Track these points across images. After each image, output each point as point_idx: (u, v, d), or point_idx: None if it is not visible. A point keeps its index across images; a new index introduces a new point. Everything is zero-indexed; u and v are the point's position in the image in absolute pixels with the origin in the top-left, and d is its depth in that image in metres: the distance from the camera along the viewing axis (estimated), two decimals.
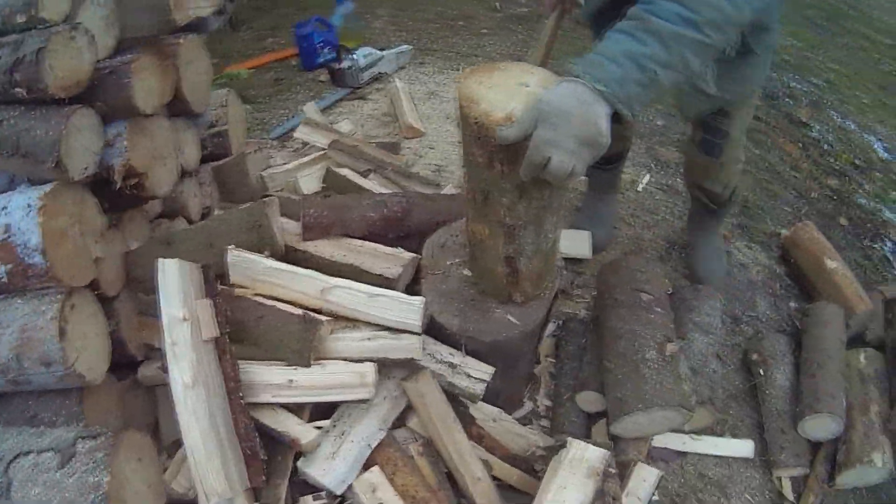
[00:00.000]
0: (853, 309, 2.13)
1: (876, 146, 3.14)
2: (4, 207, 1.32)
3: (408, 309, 1.50)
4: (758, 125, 3.17)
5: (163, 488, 1.35)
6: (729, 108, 1.81)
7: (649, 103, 1.26)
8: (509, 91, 1.25)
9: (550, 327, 2.15)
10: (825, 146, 3.10)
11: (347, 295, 1.52)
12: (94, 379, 1.37)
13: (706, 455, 1.91)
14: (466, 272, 1.69)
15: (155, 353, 1.66)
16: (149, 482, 1.29)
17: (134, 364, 1.65)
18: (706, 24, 1.14)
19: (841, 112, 3.34)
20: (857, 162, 3.01)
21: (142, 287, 1.65)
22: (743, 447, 1.94)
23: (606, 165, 2.28)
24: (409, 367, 1.59)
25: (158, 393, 1.67)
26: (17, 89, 1.34)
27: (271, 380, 1.44)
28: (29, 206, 1.30)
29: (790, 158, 3.01)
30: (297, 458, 1.45)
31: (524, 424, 1.87)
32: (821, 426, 1.85)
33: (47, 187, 1.35)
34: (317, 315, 1.47)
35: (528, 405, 1.97)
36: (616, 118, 1.16)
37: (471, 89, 1.25)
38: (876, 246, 2.62)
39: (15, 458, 1.14)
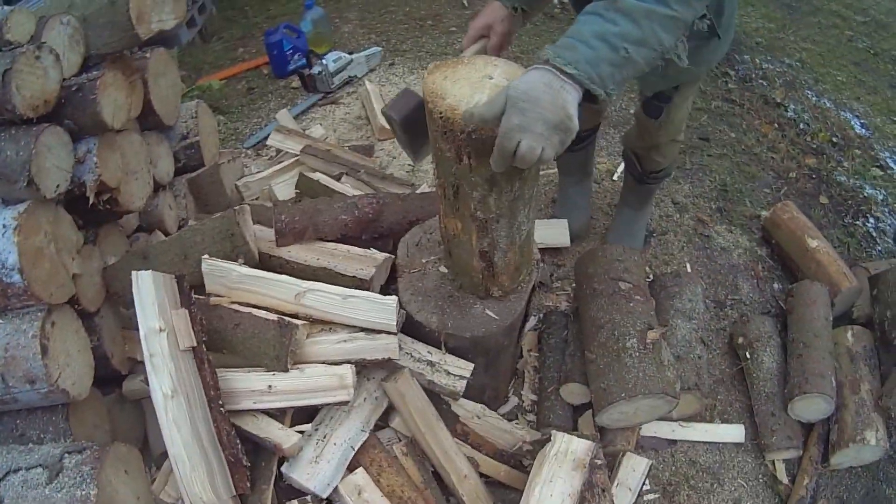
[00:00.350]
0: (838, 287, 2.18)
1: (853, 123, 3.20)
2: None
3: (381, 309, 1.56)
4: (732, 108, 3.25)
5: (152, 499, 1.40)
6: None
7: (627, 82, 1.28)
8: (474, 84, 1.29)
9: (532, 321, 2.21)
10: (802, 125, 3.17)
11: (321, 298, 1.58)
12: (78, 394, 1.42)
13: (697, 442, 1.97)
14: (443, 269, 1.74)
15: (139, 366, 1.71)
16: (137, 494, 1.34)
17: (120, 378, 1.70)
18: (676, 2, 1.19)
19: (816, 91, 3.41)
20: (834, 140, 3.08)
21: (122, 301, 1.71)
22: (734, 432, 2.00)
23: (575, 145, 2.34)
24: (388, 368, 1.64)
25: (145, 406, 1.73)
26: None
27: (251, 386, 1.49)
28: (4, 226, 1.36)
29: (767, 139, 3.07)
30: (281, 464, 1.51)
31: (510, 420, 1.92)
32: (811, 406, 1.90)
33: (21, 207, 1.40)
34: (292, 319, 1.52)
35: (514, 400, 2.04)
36: (592, 99, 1.20)
37: (436, 84, 1.29)
38: (858, 223, 2.69)
39: (5, 475, 1.19)
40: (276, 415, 1.52)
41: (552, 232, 2.41)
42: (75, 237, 1.58)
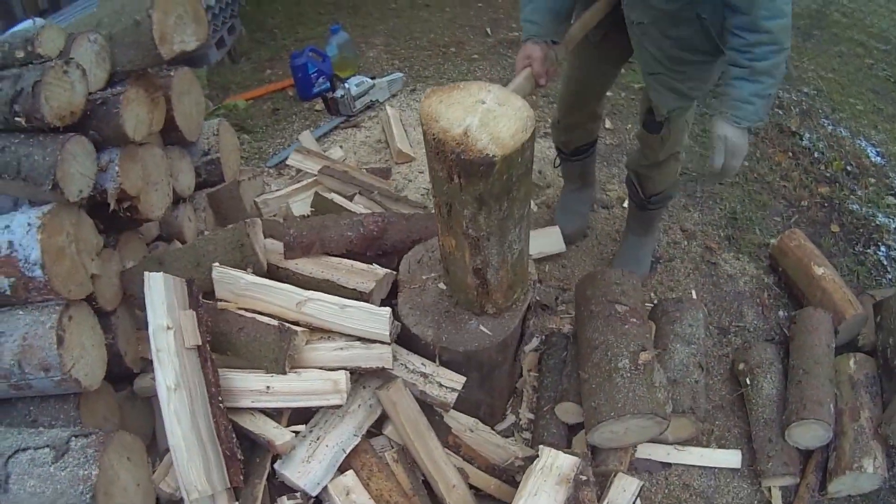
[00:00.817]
0: (843, 314, 2.21)
1: (869, 151, 3.24)
2: (7, 226, 1.53)
3: (376, 319, 1.68)
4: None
5: (152, 488, 1.52)
6: None
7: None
8: (466, 108, 1.40)
9: (534, 342, 2.30)
10: (816, 154, 3.22)
11: (321, 307, 1.70)
12: (90, 385, 1.56)
13: (692, 466, 2.02)
14: (442, 286, 1.85)
15: (151, 365, 1.84)
16: (138, 481, 1.46)
17: (132, 376, 1.84)
18: (786, 40, 1.63)
19: (833, 119, 3.45)
20: (848, 168, 3.12)
21: (138, 304, 1.84)
22: (730, 457, 2.04)
23: (575, 156, 2.58)
24: (383, 377, 1.75)
25: (154, 404, 1.86)
26: (18, 119, 1.54)
27: (250, 386, 1.62)
28: (29, 224, 1.51)
29: (780, 168, 3.13)
30: (274, 461, 1.62)
31: (507, 436, 2.01)
32: (808, 433, 1.94)
33: (46, 208, 1.56)
34: (292, 326, 1.65)
35: (511, 418, 2.12)
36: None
37: (432, 108, 1.41)
38: (869, 251, 2.72)
39: (14, 453, 1.33)
40: (273, 414, 1.64)
41: (546, 241, 2.54)
42: (95, 240, 1.73)
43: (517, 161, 1.38)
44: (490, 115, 1.38)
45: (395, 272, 1.91)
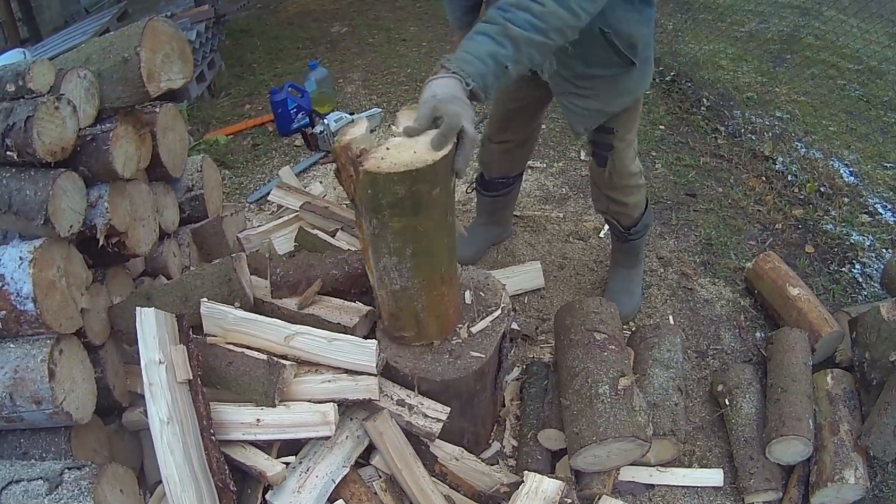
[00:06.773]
0: (819, 333, 2.33)
1: (842, 171, 3.38)
2: None
3: (363, 351, 1.79)
4: (721, 163, 3.49)
5: None
6: (610, 125, 2.16)
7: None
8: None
9: (515, 372, 2.43)
10: (790, 177, 3.37)
11: (309, 340, 1.81)
12: (81, 418, 1.64)
13: (675, 486, 2.11)
14: None
15: (139, 399, 1.93)
16: None
17: (120, 410, 1.93)
18: (551, 30, 1.53)
19: (806, 142, 3.61)
20: (822, 189, 3.26)
21: (126, 338, 1.95)
22: (712, 476, 2.14)
23: (488, 191, 2.76)
24: (370, 408, 1.86)
25: (143, 437, 1.95)
26: (9, 153, 1.62)
27: (241, 419, 1.72)
28: (21, 258, 1.59)
29: (754, 193, 3.28)
30: (266, 491, 1.71)
31: (492, 464, 2.10)
32: (789, 449, 2.04)
33: (37, 242, 1.65)
34: (281, 360, 1.76)
35: (496, 446, 2.22)
36: (474, 97, 1.53)
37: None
38: (844, 269, 2.85)
39: (7, 485, 1.40)
40: (263, 446, 1.74)
41: (525, 276, 2.69)
42: (85, 274, 1.81)
43: (383, 187, 1.45)
44: (407, 143, 1.49)
45: (376, 309, 2.02)
